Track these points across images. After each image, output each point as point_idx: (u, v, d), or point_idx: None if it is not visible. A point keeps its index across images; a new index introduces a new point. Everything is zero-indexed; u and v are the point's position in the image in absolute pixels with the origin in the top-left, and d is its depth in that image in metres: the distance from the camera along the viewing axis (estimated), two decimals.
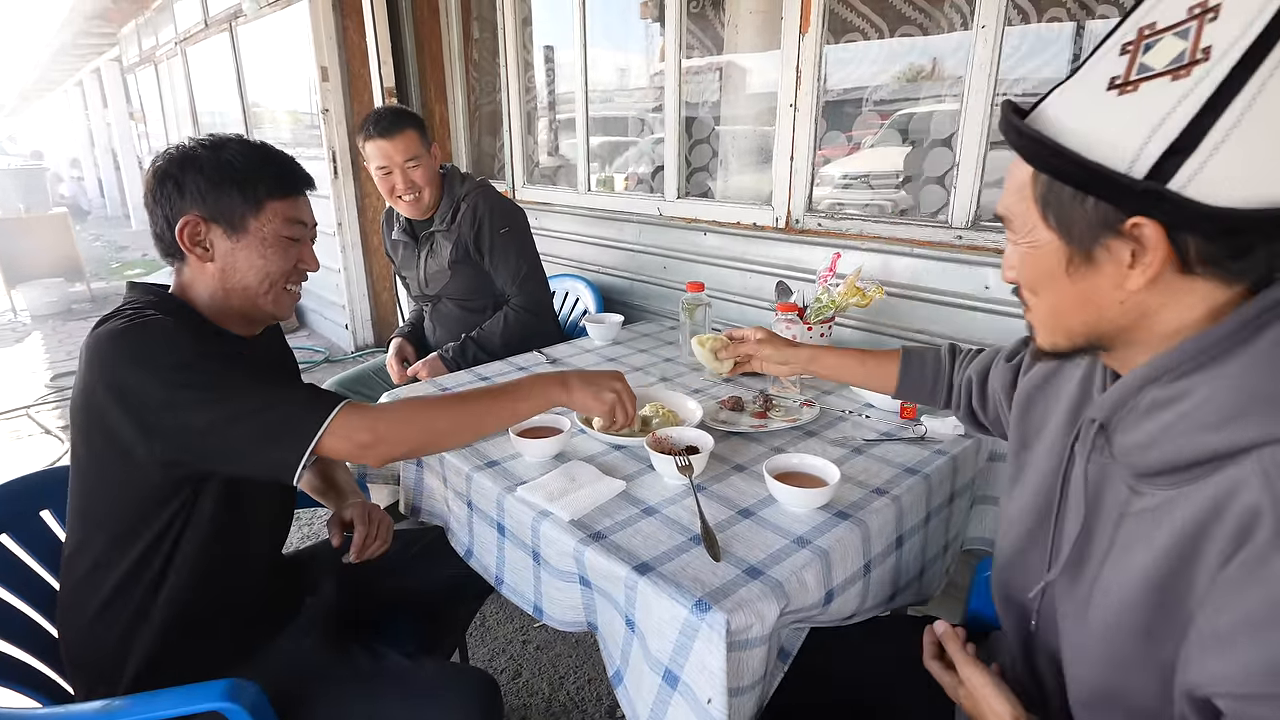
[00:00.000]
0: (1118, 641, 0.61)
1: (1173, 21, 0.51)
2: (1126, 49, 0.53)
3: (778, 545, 0.92)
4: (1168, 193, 0.50)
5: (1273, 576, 0.48)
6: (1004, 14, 1.45)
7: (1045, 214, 0.59)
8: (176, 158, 0.95)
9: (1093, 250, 0.57)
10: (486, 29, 3.11)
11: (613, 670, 0.95)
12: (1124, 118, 0.52)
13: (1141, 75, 0.52)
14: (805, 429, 1.28)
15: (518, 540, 1.07)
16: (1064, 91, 0.58)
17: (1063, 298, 0.61)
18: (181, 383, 0.85)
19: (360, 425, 0.90)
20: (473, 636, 1.87)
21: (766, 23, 2.37)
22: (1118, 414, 0.62)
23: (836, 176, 2.81)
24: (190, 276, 0.99)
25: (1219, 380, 0.54)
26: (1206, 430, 0.54)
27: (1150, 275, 0.54)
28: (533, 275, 1.99)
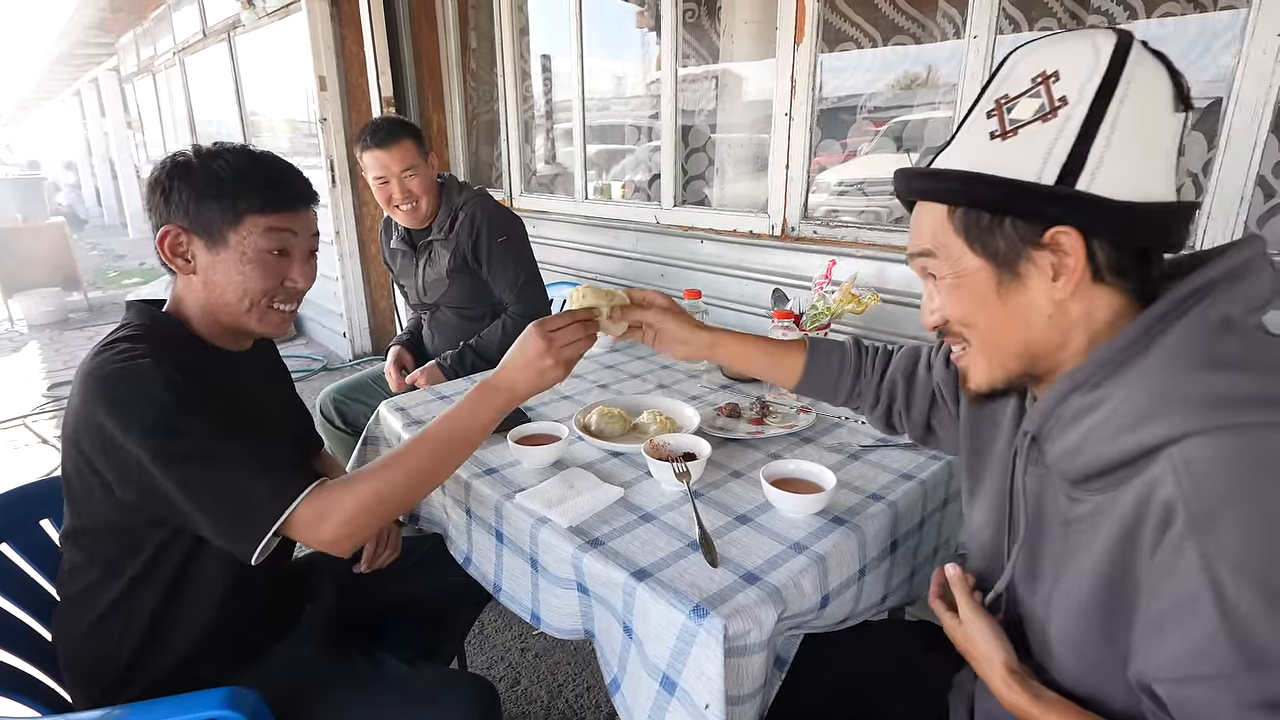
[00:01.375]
0: (1084, 648, 0.64)
1: (1022, 89, 0.60)
2: (991, 114, 0.62)
3: (775, 551, 0.93)
4: (1086, 194, 0.57)
5: (1188, 564, 0.51)
6: (996, 24, 1.46)
7: (970, 242, 0.64)
8: (170, 166, 0.94)
9: (1018, 266, 0.62)
10: (484, 39, 3.13)
11: (610, 677, 0.95)
12: (1015, 153, 0.60)
13: (1014, 126, 0.60)
14: (802, 435, 1.29)
15: (516, 547, 1.07)
16: (948, 154, 0.65)
17: (996, 319, 0.66)
18: (154, 449, 0.82)
19: (320, 517, 0.85)
20: (471, 644, 1.87)
21: (761, 32, 2.40)
22: (1046, 424, 0.65)
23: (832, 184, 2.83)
24: (182, 290, 0.98)
25: (1129, 385, 0.58)
26: (1123, 432, 0.57)
27: (1074, 282, 0.60)
28: (531, 283, 1.99)
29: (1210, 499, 0.51)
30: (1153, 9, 1.68)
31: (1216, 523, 0.50)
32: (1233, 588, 0.49)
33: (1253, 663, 0.48)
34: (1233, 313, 0.57)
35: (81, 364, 0.89)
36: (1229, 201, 1.22)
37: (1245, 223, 1.23)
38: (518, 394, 0.97)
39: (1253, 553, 0.49)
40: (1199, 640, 0.50)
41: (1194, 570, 0.50)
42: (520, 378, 0.96)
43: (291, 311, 1.02)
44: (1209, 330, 0.56)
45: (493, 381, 0.97)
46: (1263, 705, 0.48)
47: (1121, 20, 1.75)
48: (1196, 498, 0.51)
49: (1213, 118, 1.35)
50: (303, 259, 1.00)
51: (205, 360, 0.96)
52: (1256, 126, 1.18)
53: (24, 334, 5.70)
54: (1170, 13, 1.67)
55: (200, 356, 0.96)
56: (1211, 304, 0.57)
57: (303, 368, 4.37)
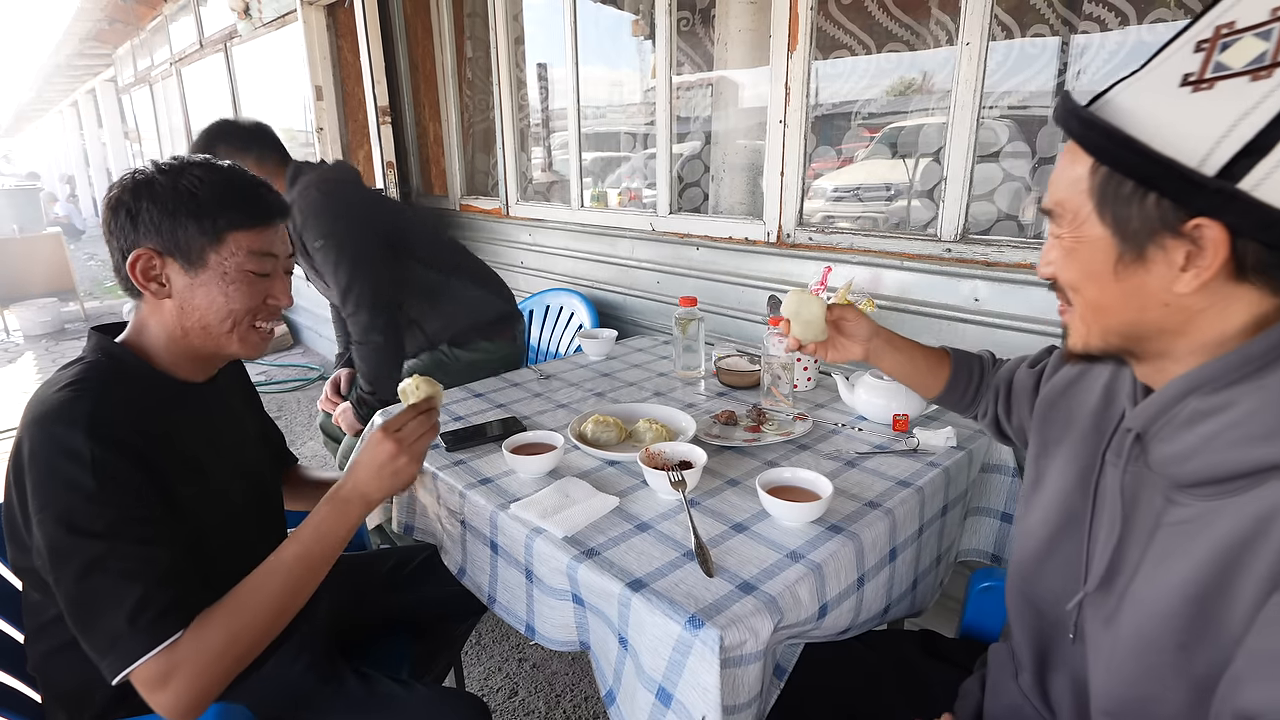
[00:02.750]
0: (1150, 653, 0.60)
1: (1254, 21, 0.50)
2: (1202, 46, 0.52)
3: (771, 560, 0.92)
4: (1240, 193, 0.49)
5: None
6: (988, 30, 1.47)
7: (1101, 209, 0.57)
8: (131, 185, 0.87)
9: (1146, 249, 0.55)
10: (480, 48, 3.14)
11: (605, 689, 0.95)
12: (1197, 114, 0.51)
13: (1218, 74, 0.50)
14: (798, 443, 1.28)
15: (511, 558, 1.06)
16: (1131, 84, 0.56)
17: (1105, 295, 0.60)
18: (50, 538, 0.77)
19: (164, 678, 0.77)
20: (468, 655, 1.86)
21: (756, 40, 2.40)
22: (1156, 424, 0.61)
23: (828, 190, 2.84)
24: (146, 315, 0.92)
25: (1265, 392, 0.53)
26: (1253, 442, 0.52)
27: (1204, 279, 0.53)
28: (357, 287, 1.77)
29: None
30: (1144, 15, 1.69)
31: None
32: None
33: None
34: None
35: (35, 395, 0.84)
36: None
37: None
38: (372, 501, 0.94)
39: None
40: None
41: None
42: (374, 485, 0.93)
43: (271, 331, 0.98)
44: None
45: (343, 494, 0.93)
46: None
47: (1113, 26, 1.76)
48: None
49: None
50: (282, 276, 0.97)
51: (162, 404, 0.90)
52: None
53: (20, 345, 5.69)
54: (1162, 18, 1.67)
55: (157, 401, 0.89)
56: None
57: (299, 376, 4.36)
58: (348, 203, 1.86)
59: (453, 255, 2.17)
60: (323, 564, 0.91)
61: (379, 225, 1.91)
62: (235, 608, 0.83)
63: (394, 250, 1.94)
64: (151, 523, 0.81)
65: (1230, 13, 0.52)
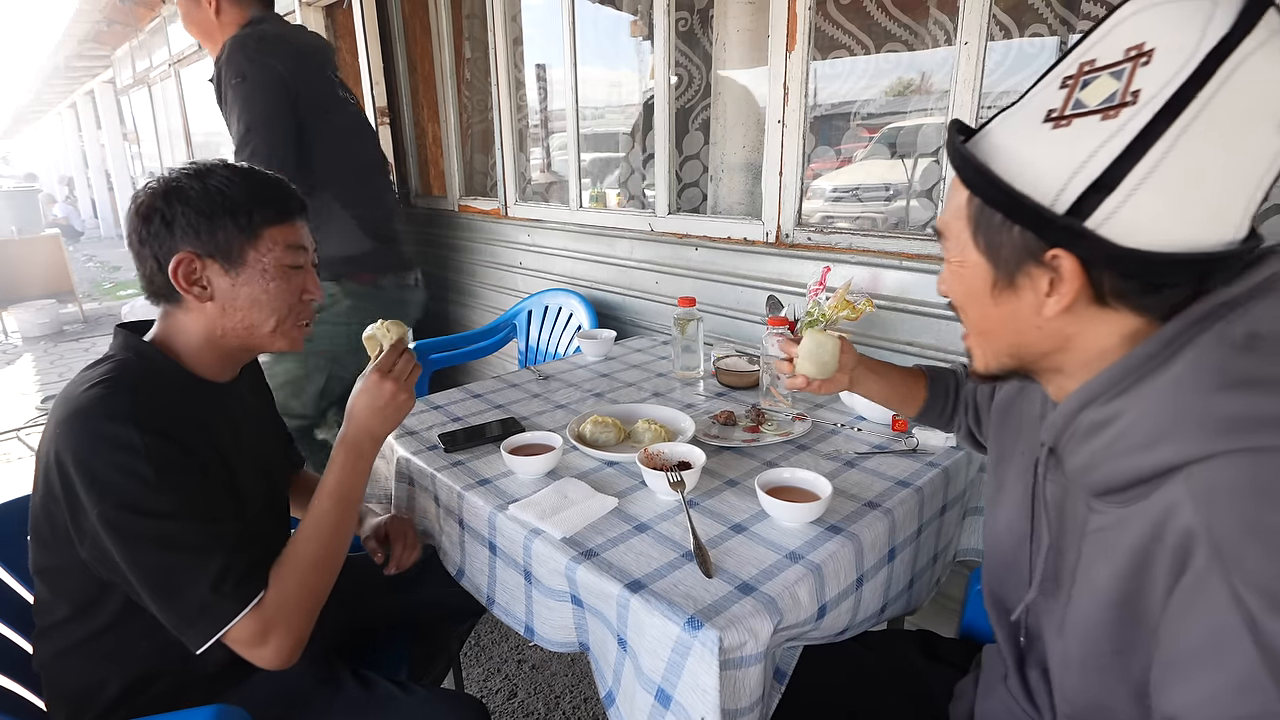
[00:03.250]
0: (1094, 658, 0.62)
1: (1110, 60, 0.53)
2: (1067, 82, 0.55)
3: (770, 560, 0.92)
4: (1084, 230, 0.53)
5: (1217, 598, 0.48)
6: (986, 30, 1.47)
7: (976, 236, 0.61)
8: (161, 191, 0.88)
9: (1015, 276, 0.60)
10: (478, 48, 3.14)
11: (605, 691, 0.94)
12: (1054, 151, 0.54)
13: (1075, 111, 0.54)
14: (797, 443, 1.28)
15: (509, 559, 1.06)
16: (1007, 117, 0.60)
17: (987, 318, 0.65)
18: (115, 524, 0.79)
19: (263, 634, 0.84)
20: (467, 656, 1.85)
21: (754, 40, 2.40)
22: (1062, 438, 0.63)
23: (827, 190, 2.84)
24: (181, 320, 0.93)
25: (1145, 401, 0.55)
26: (1138, 451, 0.54)
27: (1064, 304, 0.57)
28: (257, 136, 1.76)
29: (1233, 528, 0.48)
30: None
31: (1242, 553, 0.47)
32: (1267, 621, 0.46)
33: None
34: (1260, 329, 0.52)
35: (64, 395, 0.85)
36: None
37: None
38: (379, 438, 1.00)
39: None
40: (1240, 676, 0.47)
41: (1224, 605, 0.48)
42: (378, 422, 0.99)
43: (308, 326, 1.02)
44: (1231, 347, 0.52)
45: (351, 438, 0.98)
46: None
47: None
48: (1219, 527, 0.49)
49: None
50: (312, 270, 1.00)
51: (192, 402, 0.91)
52: None
53: (18, 346, 5.69)
54: None
55: (188, 399, 0.91)
56: (1235, 320, 0.52)
57: None
58: (283, 61, 1.84)
59: (339, 163, 2.00)
60: (355, 505, 0.98)
61: (304, 99, 1.89)
62: (299, 558, 0.90)
63: (302, 130, 1.90)
64: (211, 500, 0.85)
65: (1093, 50, 0.54)
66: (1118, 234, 0.52)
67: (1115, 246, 0.52)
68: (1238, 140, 0.50)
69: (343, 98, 2.08)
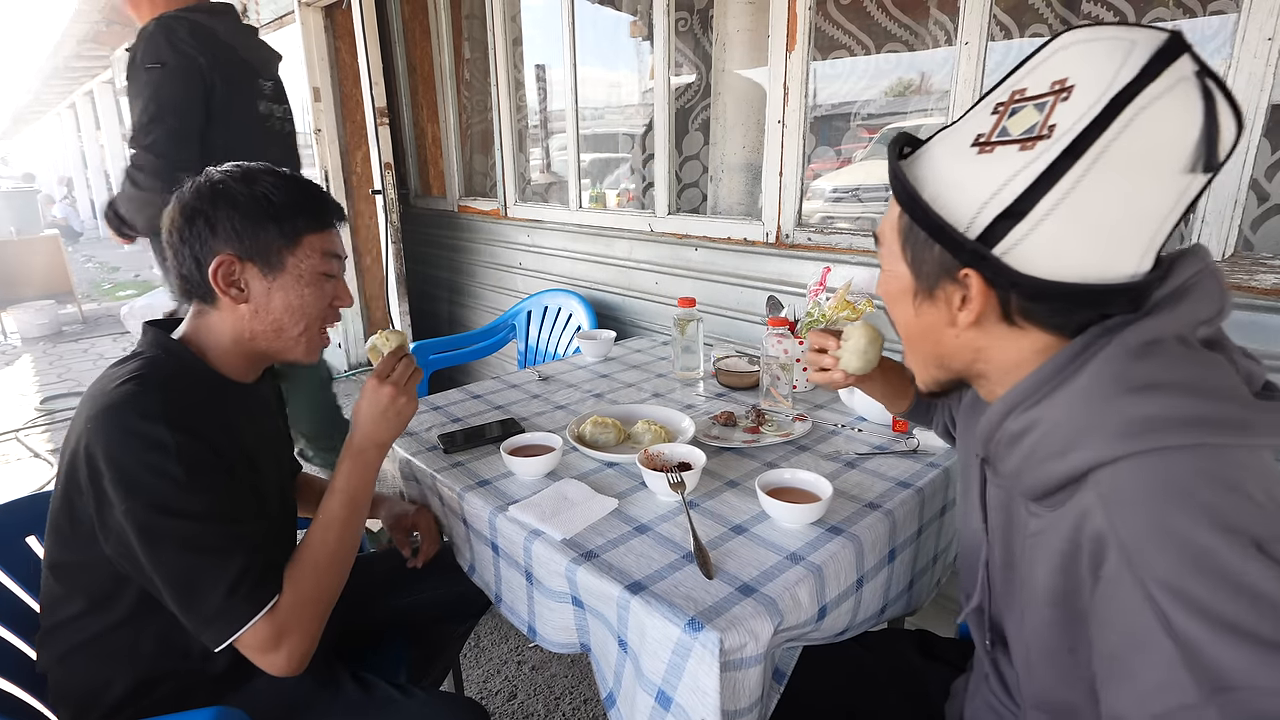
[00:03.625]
0: (1050, 656, 0.64)
1: (1038, 92, 0.55)
2: (998, 109, 0.58)
3: (771, 562, 0.92)
4: (990, 256, 0.56)
5: (1130, 598, 0.50)
6: (987, 30, 1.46)
7: (904, 248, 0.65)
8: (207, 192, 0.90)
9: (934, 289, 0.63)
10: (478, 49, 3.14)
11: (605, 692, 0.94)
12: (976, 176, 0.57)
13: (1000, 139, 0.56)
14: (798, 444, 1.28)
15: (511, 560, 1.06)
16: (945, 137, 0.62)
17: (909, 327, 0.69)
18: (142, 524, 0.80)
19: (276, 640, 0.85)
20: (467, 658, 1.85)
21: (754, 40, 2.40)
22: (990, 445, 0.65)
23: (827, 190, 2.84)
24: (212, 319, 0.94)
25: (1057, 410, 0.57)
26: (1053, 459, 0.56)
27: (972, 319, 0.61)
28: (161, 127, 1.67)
29: (1138, 530, 0.50)
30: (1142, 14, 1.69)
31: (1146, 553, 0.49)
32: (1177, 616, 0.47)
33: (1216, 688, 0.46)
34: (1159, 336, 0.55)
35: (95, 390, 0.86)
36: (1223, 206, 1.22)
37: (1239, 226, 1.22)
38: (384, 444, 1.00)
39: (1185, 580, 0.47)
40: (1161, 673, 0.48)
41: (1137, 604, 0.49)
42: (383, 428, 0.99)
43: (329, 339, 1.02)
44: (1130, 355, 0.54)
45: (357, 445, 0.98)
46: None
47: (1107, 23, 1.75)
48: (1124, 529, 0.51)
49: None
50: (342, 279, 1.01)
51: (220, 402, 0.93)
52: (1249, 130, 1.18)
53: (17, 347, 5.68)
54: (1160, 18, 1.67)
55: (216, 399, 0.93)
56: (1136, 330, 0.55)
57: None
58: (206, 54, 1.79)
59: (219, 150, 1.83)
60: (364, 510, 0.99)
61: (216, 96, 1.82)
62: (310, 563, 0.91)
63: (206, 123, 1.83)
64: (236, 501, 0.87)
65: (1026, 79, 0.57)
66: (1021, 261, 0.56)
67: (1015, 273, 0.56)
68: (1139, 181, 0.52)
69: (264, 112, 2.02)
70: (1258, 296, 1.21)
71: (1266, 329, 1.21)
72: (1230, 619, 0.46)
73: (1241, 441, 0.50)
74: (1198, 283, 0.57)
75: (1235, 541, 0.47)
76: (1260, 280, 1.20)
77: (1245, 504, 0.48)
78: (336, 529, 0.94)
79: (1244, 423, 0.51)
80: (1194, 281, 0.57)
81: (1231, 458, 0.50)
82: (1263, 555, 0.47)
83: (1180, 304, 0.56)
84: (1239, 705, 0.46)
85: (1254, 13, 1.15)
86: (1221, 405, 0.51)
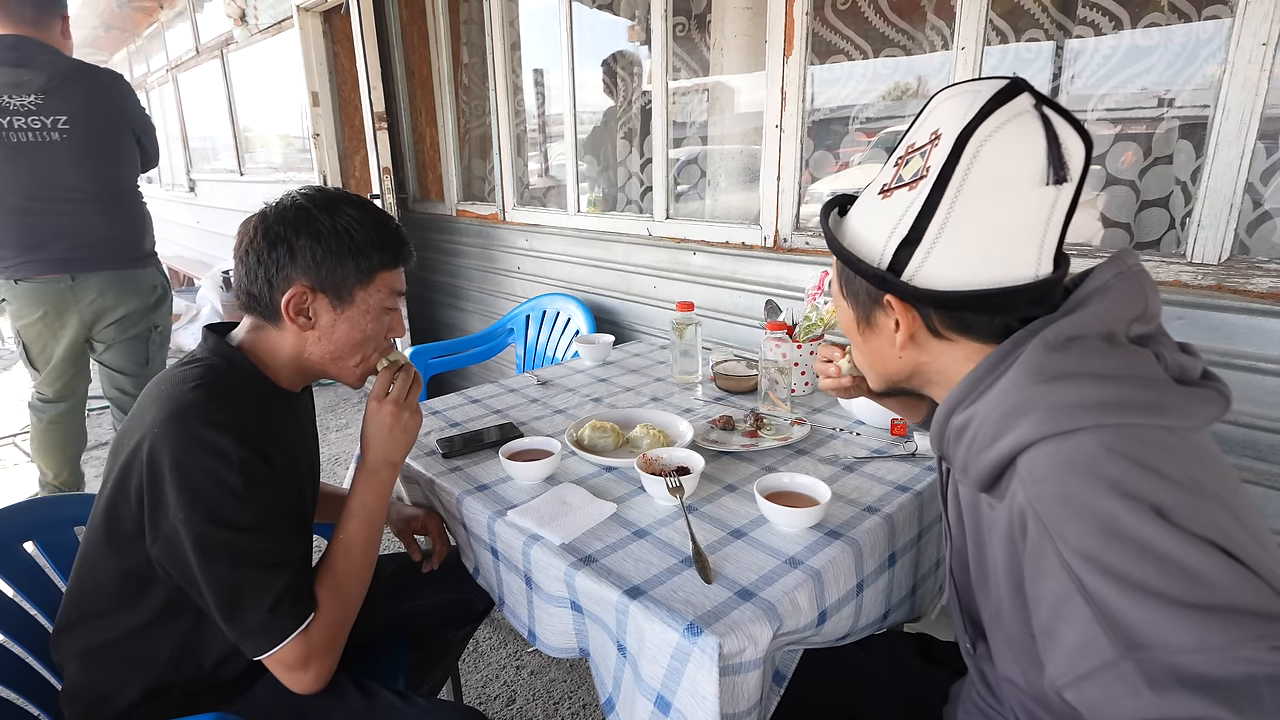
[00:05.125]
0: (1018, 644, 0.67)
1: (921, 142, 0.66)
2: (898, 161, 0.69)
3: (770, 566, 0.92)
4: (896, 279, 0.66)
5: (1050, 565, 0.54)
6: (983, 35, 1.47)
7: (843, 286, 0.75)
8: (291, 219, 0.90)
9: (871, 317, 0.72)
10: (476, 54, 3.14)
11: (604, 697, 0.94)
12: (880, 217, 0.68)
13: (895, 184, 0.67)
14: (796, 447, 1.28)
15: (510, 564, 1.06)
16: (864, 195, 0.73)
17: (861, 351, 0.78)
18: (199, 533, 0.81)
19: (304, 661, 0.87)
20: (465, 663, 1.85)
21: (751, 45, 2.41)
22: (941, 444, 0.70)
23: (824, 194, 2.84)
24: (272, 336, 0.95)
25: (987, 403, 0.62)
26: (985, 448, 0.62)
27: (905, 338, 0.69)
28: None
29: (1051, 501, 0.54)
30: (1138, 19, 1.69)
31: (1059, 523, 0.53)
32: (1091, 580, 0.51)
33: (1130, 645, 0.49)
34: (1078, 332, 0.60)
35: (162, 393, 0.86)
36: (1219, 210, 1.23)
37: (1235, 231, 1.23)
38: (396, 462, 1.02)
39: (1095, 546, 0.51)
40: (1081, 635, 0.52)
41: (1056, 571, 0.53)
42: (391, 448, 1.01)
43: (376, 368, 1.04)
44: (1048, 349, 0.60)
45: (370, 466, 1.00)
46: (1149, 684, 0.48)
47: (1107, 30, 1.76)
48: (1039, 502, 0.55)
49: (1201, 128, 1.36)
50: (399, 312, 1.02)
51: (277, 414, 0.96)
52: (1244, 134, 1.19)
53: (14, 353, 5.66)
54: (1155, 23, 1.68)
55: (274, 411, 0.95)
56: (1057, 328, 0.60)
57: None
58: None
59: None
60: (380, 530, 1.01)
61: None
62: (337, 584, 0.93)
63: None
64: (287, 517, 0.89)
65: (915, 134, 0.68)
66: (927, 279, 0.64)
67: (919, 290, 0.65)
68: (1005, 197, 0.61)
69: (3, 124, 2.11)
70: (1254, 300, 1.21)
71: (1263, 332, 1.21)
72: (1138, 580, 0.49)
73: (1151, 421, 0.55)
74: (1115, 284, 0.62)
75: (1136, 507, 0.50)
76: (1256, 284, 1.21)
77: (1149, 476, 0.52)
78: (359, 550, 0.97)
79: (1154, 404, 0.55)
80: (1111, 284, 0.63)
81: (1144, 436, 0.54)
82: (1163, 519, 0.50)
83: (1098, 304, 0.61)
84: (1153, 662, 0.48)
85: (1248, 18, 1.15)
86: (1131, 389, 0.56)
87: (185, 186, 6.81)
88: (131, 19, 6.69)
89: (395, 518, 1.27)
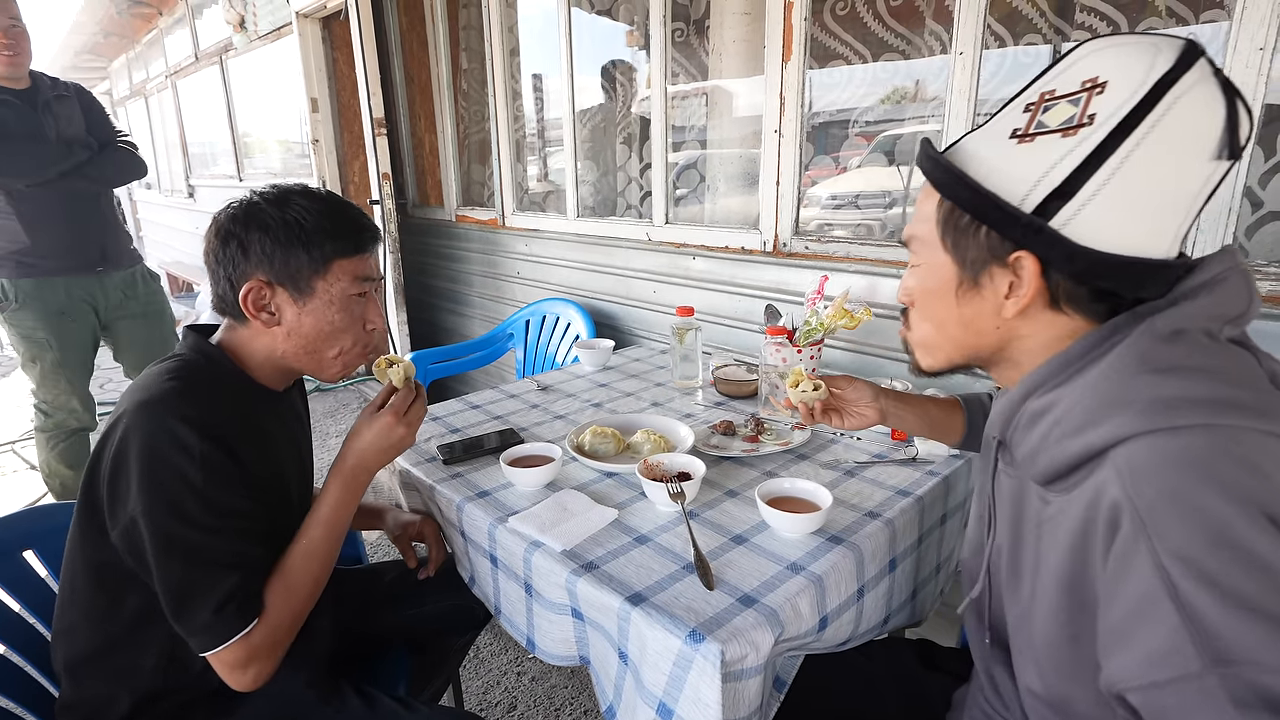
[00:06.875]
0: (1053, 649, 0.64)
1: (1069, 90, 0.60)
2: (1029, 108, 0.62)
3: (771, 572, 0.91)
4: (1046, 227, 0.59)
5: (1141, 565, 0.51)
6: (981, 40, 1.48)
7: (944, 238, 0.67)
8: (241, 216, 0.91)
9: (979, 277, 0.65)
10: (475, 59, 3.15)
11: (605, 705, 0.94)
12: (1021, 161, 0.61)
13: (1038, 130, 0.61)
14: (797, 452, 1.28)
15: (510, 571, 1.06)
16: (976, 135, 0.66)
17: (948, 318, 0.70)
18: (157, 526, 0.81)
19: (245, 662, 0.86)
20: (466, 669, 1.84)
21: (750, 51, 2.41)
22: (1008, 429, 0.67)
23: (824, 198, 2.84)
24: (245, 335, 0.95)
25: (1078, 391, 0.60)
26: (1071, 436, 0.58)
27: (1022, 305, 0.63)
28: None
29: (1153, 498, 0.51)
30: (1135, 23, 1.70)
31: (1161, 522, 0.50)
32: (1186, 586, 0.48)
33: (1218, 659, 0.46)
34: (1185, 326, 0.57)
35: (138, 384, 0.88)
36: (1217, 213, 1.23)
37: (1234, 234, 1.23)
38: (373, 471, 1.01)
39: (1198, 550, 0.48)
40: (1164, 642, 0.49)
41: (1147, 571, 0.50)
42: (374, 456, 0.99)
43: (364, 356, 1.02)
44: (1155, 339, 0.57)
45: (349, 469, 0.98)
46: (1234, 702, 0.46)
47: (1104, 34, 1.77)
48: (1140, 498, 0.52)
49: None
50: (374, 299, 1.01)
51: (255, 412, 0.95)
52: None
53: (13, 359, 5.66)
54: (1152, 27, 1.69)
55: (251, 408, 0.95)
56: (1164, 318, 0.58)
57: None
58: None
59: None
60: (342, 537, 0.99)
61: None
62: (289, 590, 0.91)
63: None
64: (247, 517, 0.87)
65: (1053, 82, 0.62)
66: (1075, 236, 0.58)
67: (1073, 245, 0.58)
68: (1177, 161, 0.56)
69: None
70: None
71: (1262, 336, 1.21)
72: (1239, 592, 0.46)
73: (1258, 426, 0.52)
74: (1226, 278, 0.60)
75: (1250, 514, 0.48)
76: (1256, 287, 1.21)
77: (1262, 481, 0.49)
78: (319, 559, 0.95)
79: (1262, 408, 0.53)
80: (1223, 276, 0.59)
81: (1249, 440, 0.51)
82: (1276, 529, 0.47)
83: (1208, 296, 0.59)
84: (1239, 679, 0.46)
85: (1245, 22, 1.16)
86: (1240, 391, 0.53)
87: (184, 192, 6.82)
88: (131, 25, 6.70)
89: (392, 524, 1.26)
